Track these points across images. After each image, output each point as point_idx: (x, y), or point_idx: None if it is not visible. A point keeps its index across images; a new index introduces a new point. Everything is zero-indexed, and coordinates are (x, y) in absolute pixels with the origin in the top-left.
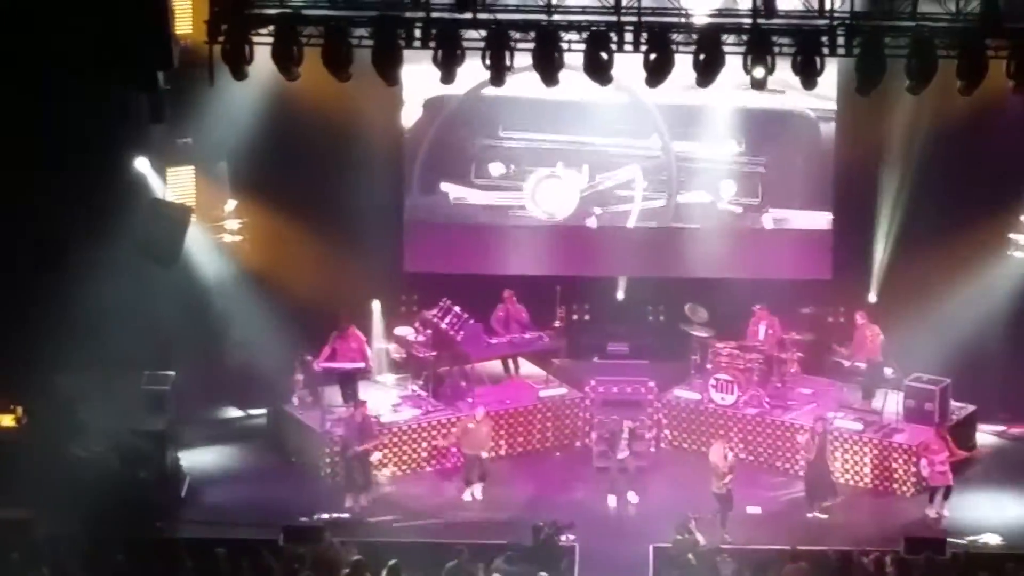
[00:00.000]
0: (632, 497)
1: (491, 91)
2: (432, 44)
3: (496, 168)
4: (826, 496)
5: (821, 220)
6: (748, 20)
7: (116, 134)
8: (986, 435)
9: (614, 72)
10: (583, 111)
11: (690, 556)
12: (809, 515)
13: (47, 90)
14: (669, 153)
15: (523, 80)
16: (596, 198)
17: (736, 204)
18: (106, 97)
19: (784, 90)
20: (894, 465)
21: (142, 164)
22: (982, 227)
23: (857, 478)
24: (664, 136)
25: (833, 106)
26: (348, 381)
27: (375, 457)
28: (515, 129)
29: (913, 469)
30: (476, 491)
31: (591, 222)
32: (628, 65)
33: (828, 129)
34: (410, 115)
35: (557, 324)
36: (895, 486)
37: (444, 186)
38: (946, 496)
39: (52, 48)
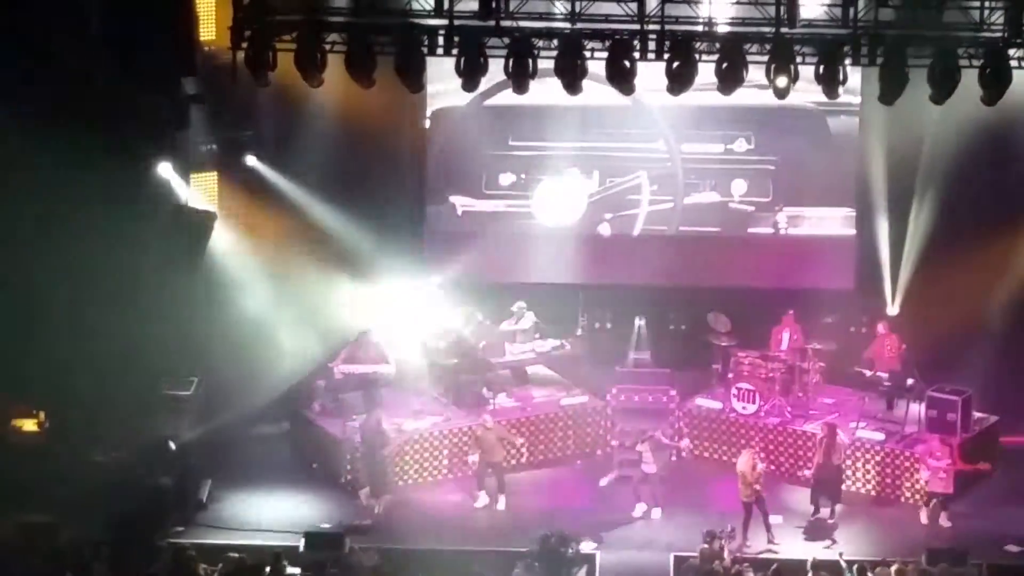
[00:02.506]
0: (656, 513)
1: (497, 100)
2: (455, 52)
3: (506, 178)
4: (832, 502)
5: (836, 217)
6: (771, 29)
7: (142, 141)
8: (1010, 446)
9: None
10: (590, 117)
11: (715, 565)
12: (811, 518)
13: (71, 97)
14: (675, 155)
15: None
16: (605, 203)
17: (747, 203)
18: (132, 103)
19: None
20: (916, 476)
21: (165, 170)
22: (1007, 236)
23: (879, 488)
24: (669, 139)
25: (857, 102)
26: (369, 387)
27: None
28: (523, 138)
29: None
30: (499, 503)
31: (603, 228)
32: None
33: (840, 124)
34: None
35: (579, 332)
36: (917, 496)
37: (452, 198)
38: (945, 506)
39: (75, 55)
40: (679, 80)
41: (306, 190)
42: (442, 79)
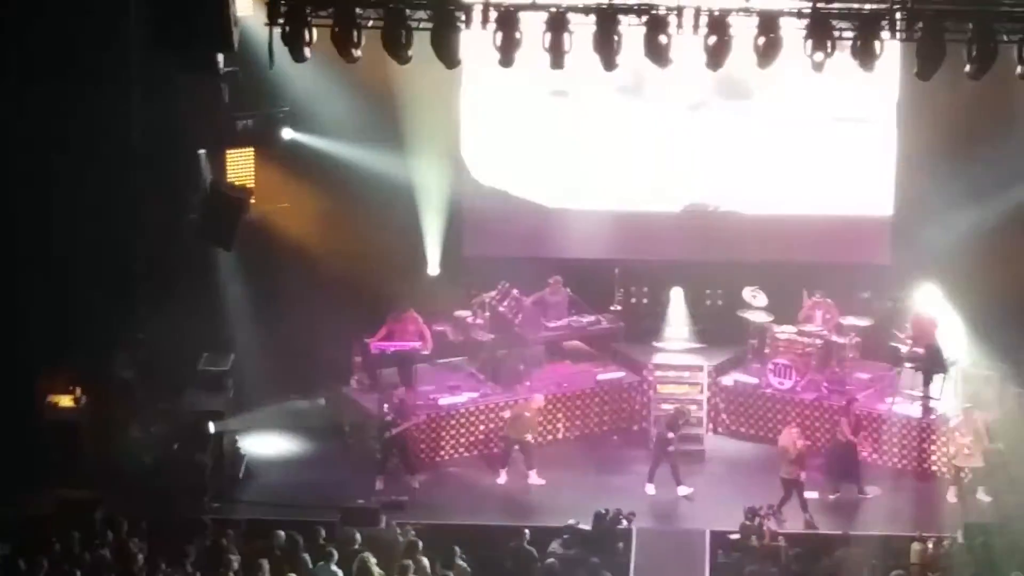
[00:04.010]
0: (683, 490)
1: None
2: (491, 27)
3: None
4: (850, 480)
5: (873, 193)
6: (808, 4)
7: (178, 117)
8: None
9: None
10: None
11: (753, 539)
12: (832, 496)
13: (107, 75)
14: None
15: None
16: None
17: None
18: (168, 80)
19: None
20: (952, 450)
21: (202, 146)
22: None
23: (916, 463)
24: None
25: (896, 88)
26: (405, 364)
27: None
28: None
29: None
30: (533, 477)
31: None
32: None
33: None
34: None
35: (615, 307)
36: (947, 473)
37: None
38: (980, 480)
39: (109, 31)
40: (716, 55)
41: (339, 168)
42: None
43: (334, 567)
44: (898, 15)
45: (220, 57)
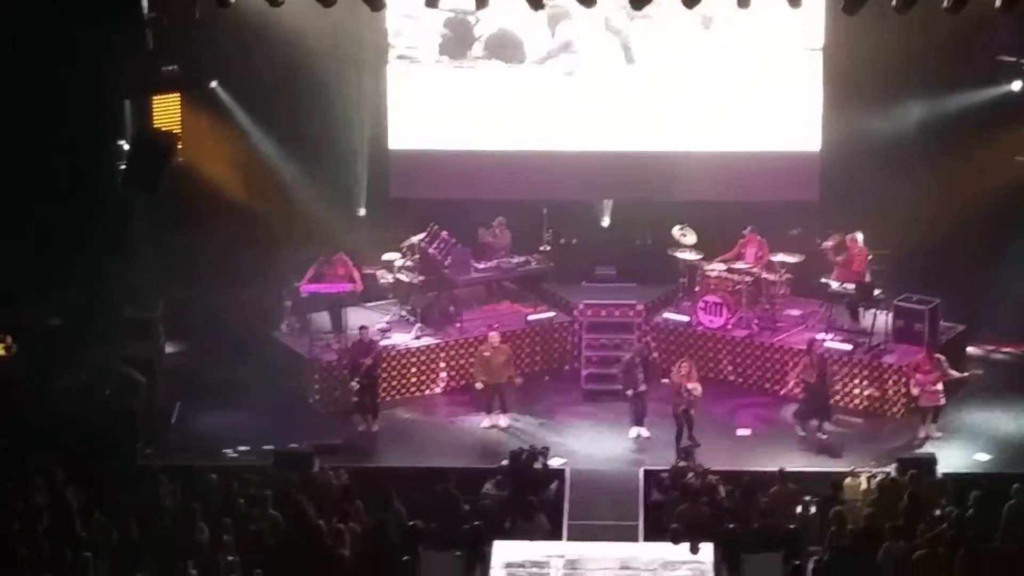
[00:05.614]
0: (644, 431)
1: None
2: None
3: None
4: (821, 419)
5: (802, 128)
6: None
7: (103, 63)
8: (976, 355)
9: None
10: None
11: (690, 477)
12: (802, 434)
13: (29, 19)
14: None
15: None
16: None
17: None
18: (92, 26)
19: None
20: (884, 386)
21: (128, 91)
22: (973, 147)
23: (847, 399)
24: None
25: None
26: (336, 307)
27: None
28: None
29: (904, 390)
30: (500, 421)
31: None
32: None
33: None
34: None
35: (544, 248)
36: (885, 407)
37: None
38: (935, 418)
39: None
40: None
41: (264, 115)
42: None
43: (271, 511)
44: None
45: (144, 2)
